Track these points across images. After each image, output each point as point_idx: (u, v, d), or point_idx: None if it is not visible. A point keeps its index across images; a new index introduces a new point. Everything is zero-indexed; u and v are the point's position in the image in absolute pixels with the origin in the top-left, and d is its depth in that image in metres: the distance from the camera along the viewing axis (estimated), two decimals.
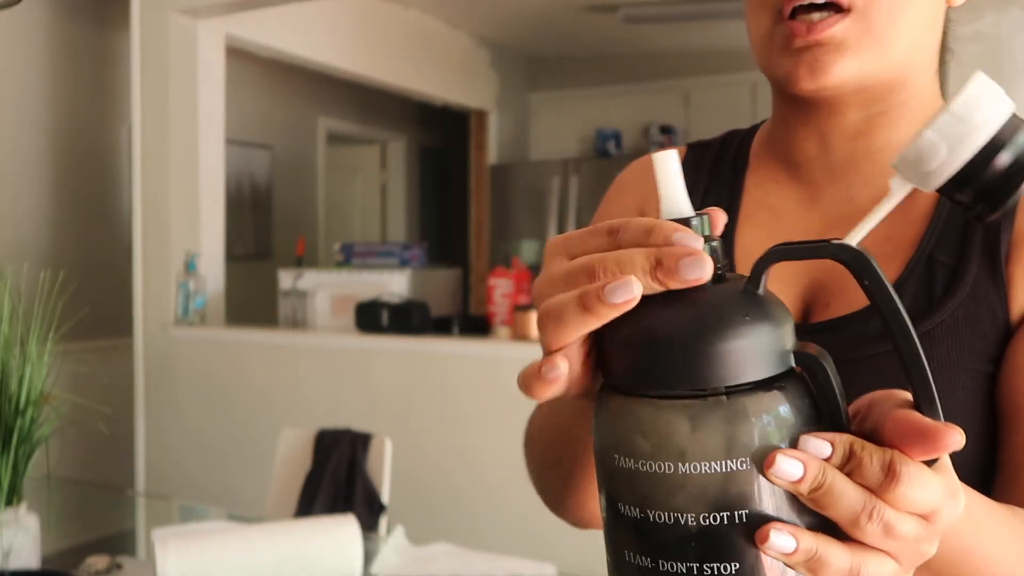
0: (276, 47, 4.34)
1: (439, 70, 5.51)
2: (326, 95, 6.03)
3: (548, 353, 0.42)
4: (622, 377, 0.41)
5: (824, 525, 0.40)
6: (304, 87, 5.78)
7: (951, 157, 0.42)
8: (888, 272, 0.68)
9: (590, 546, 2.74)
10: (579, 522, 0.76)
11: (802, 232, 0.72)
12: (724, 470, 0.39)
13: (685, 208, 0.42)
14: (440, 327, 3.91)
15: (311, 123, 6.04)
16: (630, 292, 0.39)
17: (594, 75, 6.38)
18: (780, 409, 0.39)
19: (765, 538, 0.39)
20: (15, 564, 1.43)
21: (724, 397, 0.39)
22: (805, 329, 0.68)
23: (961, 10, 0.73)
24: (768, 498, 0.39)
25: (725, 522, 0.39)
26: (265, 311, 4.92)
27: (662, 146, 5.80)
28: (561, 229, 5.69)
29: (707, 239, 0.41)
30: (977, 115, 0.42)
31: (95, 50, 4.34)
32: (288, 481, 2.46)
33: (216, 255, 4.10)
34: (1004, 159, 0.42)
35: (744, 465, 0.39)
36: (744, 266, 0.73)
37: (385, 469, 2.37)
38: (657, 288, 0.40)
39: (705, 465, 0.39)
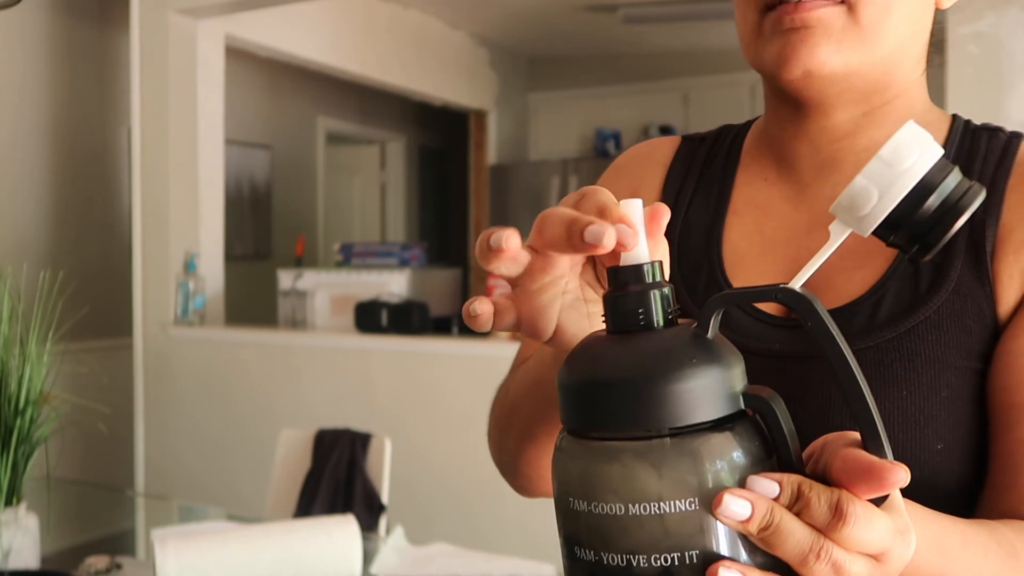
0: (275, 47, 4.34)
1: (438, 70, 5.51)
2: (325, 95, 6.03)
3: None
4: (574, 419, 0.42)
5: (776, 565, 0.41)
6: (303, 87, 5.78)
7: (882, 202, 0.44)
8: (872, 269, 0.68)
9: None
10: (531, 483, 0.77)
11: (788, 229, 0.73)
12: (672, 511, 0.39)
13: (643, 256, 0.44)
14: (439, 327, 3.91)
15: (310, 123, 6.04)
16: (600, 239, 0.42)
17: (593, 75, 6.38)
18: (728, 450, 0.40)
19: (713, 573, 0.39)
20: (15, 564, 1.43)
21: (668, 439, 0.39)
22: (790, 324, 0.69)
23: (960, 10, 0.74)
24: (719, 538, 0.39)
25: (676, 563, 0.39)
26: (264, 311, 4.92)
27: None
28: None
29: (657, 284, 0.43)
30: (906, 161, 0.43)
31: (95, 50, 4.34)
32: (288, 481, 2.46)
33: (216, 255, 4.10)
34: (933, 202, 0.44)
35: (692, 505, 0.39)
36: (732, 263, 0.73)
37: (384, 469, 2.37)
38: (574, 248, 0.44)
39: (653, 506, 0.39)
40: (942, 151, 0.45)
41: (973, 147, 0.71)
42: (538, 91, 6.59)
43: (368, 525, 2.27)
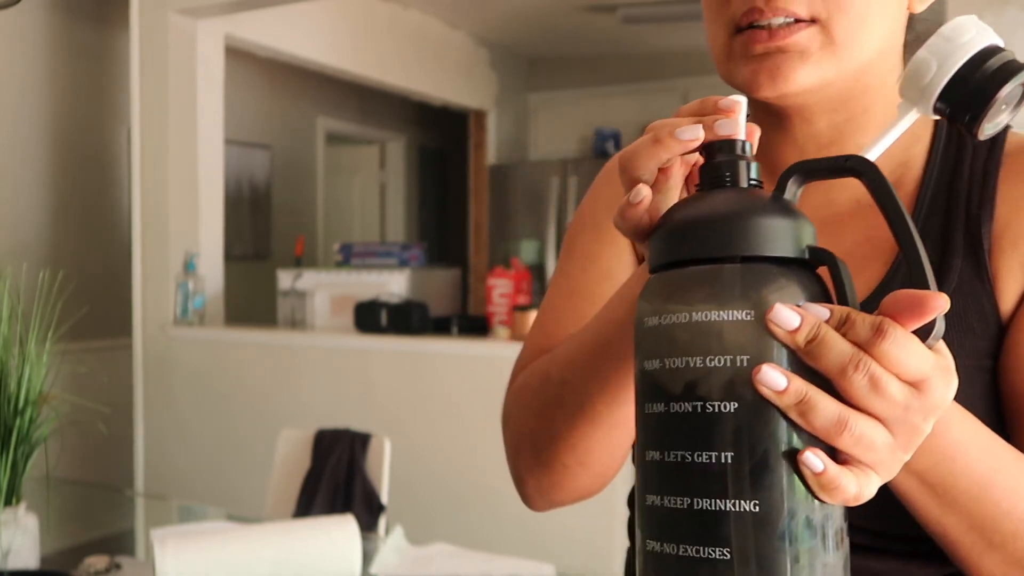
0: (275, 47, 4.34)
1: (438, 70, 5.51)
2: (325, 95, 6.03)
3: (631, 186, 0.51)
4: (658, 255, 0.48)
5: (817, 383, 0.43)
6: (303, 87, 5.78)
7: (940, 71, 0.49)
8: (871, 272, 0.69)
9: (588, 546, 2.75)
10: (567, 474, 0.74)
11: None
12: (729, 319, 0.43)
13: (738, 132, 0.50)
14: (439, 327, 3.91)
15: (310, 123, 6.04)
16: (696, 133, 0.48)
17: (593, 75, 6.38)
18: (788, 282, 0.44)
19: (758, 373, 0.42)
20: (14, 564, 1.43)
21: (737, 264, 0.44)
22: None
23: (959, 11, 0.74)
24: (768, 348, 0.43)
25: (727, 365, 0.43)
26: (264, 311, 4.92)
27: None
28: (560, 229, 5.69)
29: (744, 157, 0.49)
30: (963, 36, 0.50)
31: (94, 50, 4.34)
32: (287, 481, 2.46)
33: (215, 255, 4.10)
34: (983, 73, 0.49)
35: (748, 316, 0.43)
36: None
37: (384, 469, 2.37)
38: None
39: (713, 314, 0.43)
40: (996, 37, 0.50)
41: (962, 138, 0.71)
42: (538, 91, 6.60)
43: (368, 525, 2.27)
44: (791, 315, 0.42)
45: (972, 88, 0.49)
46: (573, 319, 0.79)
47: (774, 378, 0.42)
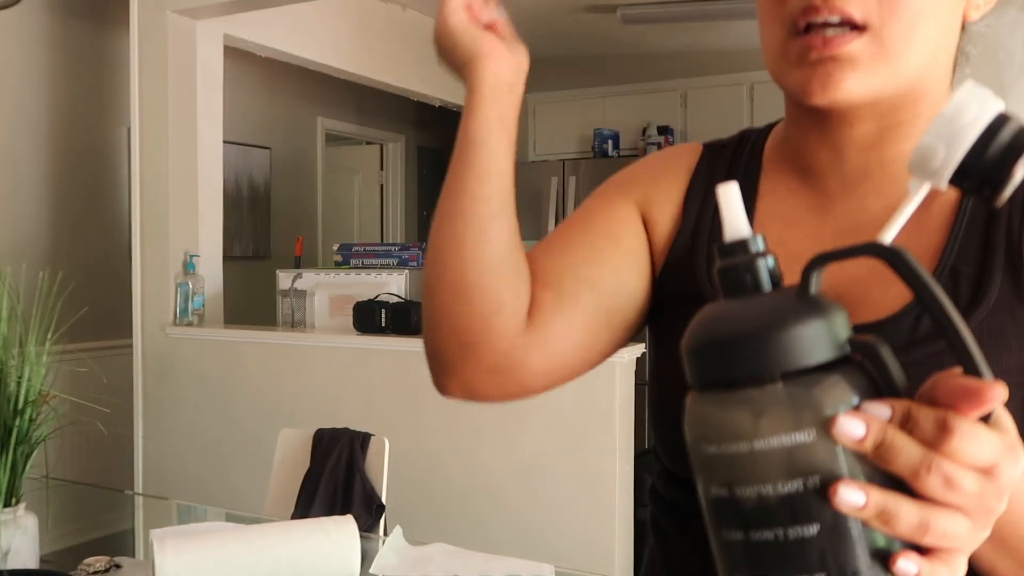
0: (274, 47, 4.34)
1: (437, 70, 5.42)
2: (325, 95, 6.03)
3: None
4: (699, 376, 0.47)
5: (891, 485, 0.43)
6: (302, 87, 5.78)
7: (950, 154, 0.49)
8: (904, 289, 0.67)
9: (588, 546, 2.75)
10: (485, 333, 0.74)
11: (813, 241, 0.72)
12: (792, 443, 0.43)
13: (745, 231, 0.48)
14: None
15: (310, 123, 6.04)
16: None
17: (592, 75, 6.38)
18: (837, 389, 0.43)
19: (835, 494, 0.42)
20: (13, 564, 1.43)
21: (780, 384, 0.44)
22: None
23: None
24: (836, 462, 0.43)
25: (800, 489, 0.42)
26: (263, 311, 4.91)
27: (660, 147, 5.81)
28: None
29: (761, 254, 0.48)
30: (967, 115, 0.49)
31: (94, 50, 4.34)
32: (287, 481, 2.46)
33: (215, 255, 4.10)
34: (995, 148, 0.49)
35: (810, 436, 0.43)
36: None
37: (383, 469, 2.37)
38: None
39: (774, 440, 0.43)
40: (1001, 105, 0.49)
41: None
42: (537, 91, 6.59)
43: (367, 525, 2.27)
44: (856, 425, 0.42)
45: (987, 165, 0.49)
46: (541, 250, 0.80)
47: (852, 496, 0.42)
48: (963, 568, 0.44)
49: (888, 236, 0.50)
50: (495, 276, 0.73)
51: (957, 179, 0.50)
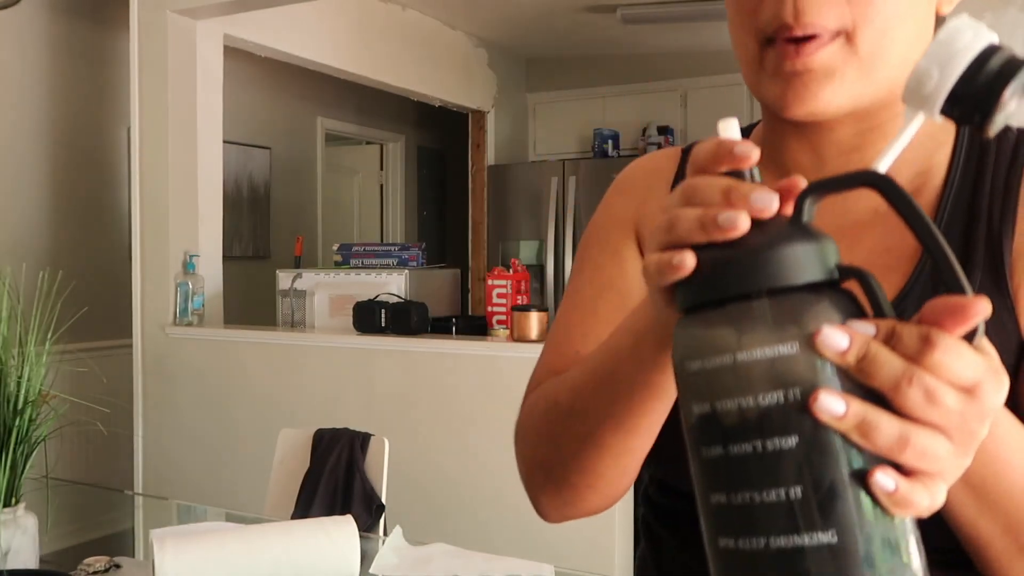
0: (274, 47, 4.34)
1: (437, 70, 5.51)
2: (324, 95, 6.03)
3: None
4: (687, 298, 0.48)
5: (871, 399, 0.43)
6: (302, 87, 5.78)
7: (943, 78, 0.50)
8: (890, 284, 0.67)
9: (588, 546, 2.74)
10: (576, 496, 0.74)
11: None
12: (775, 353, 0.43)
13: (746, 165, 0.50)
14: (438, 327, 3.90)
15: (310, 123, 6.04)
16: (735, 224, 0.45)
17: (592, 75, 6.38)
18: (823, 307, 0.44)
19: (815, 401, 0.42)
20: (13, 564, 1.43)
21: (767, 299, 0.44)
22: None
23: (959, 10, 0.73)
24: (818, 374, 0.43)
25: (780, 400, 0.43)
26: (263, 311, 4.92)
27: (659, 147, 5.80)
28: (559, 229, 5.69)
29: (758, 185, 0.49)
30: (961, 41, 0.50)
31: (94, 50, 4.34)
32: (286, 481, 2.46)
33: (214, 255, 4.10)
34: (986, 74, 0.50)
35: (794, 348, 0.43)
36: None
37: (383, 469, 2.37)
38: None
39: (757, 351, 0.43)
40: (995, 36, 0.50)
41: (984, 147, 0.70)
42: (537, 91, 6.60)
43: (367, 525, 2.27)
44: (840, 336, 0.42)
45: (978, 90, 0.49)
46: (580, 335, 0.79)
47: (832, 404, 0.42)
48: (942, 497, 0.43)
49: (882, 166, 0.50)
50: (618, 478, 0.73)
51: (948, 107, 0.51)
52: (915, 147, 0.70)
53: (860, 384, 0.43)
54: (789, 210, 0.48)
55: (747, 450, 0.43)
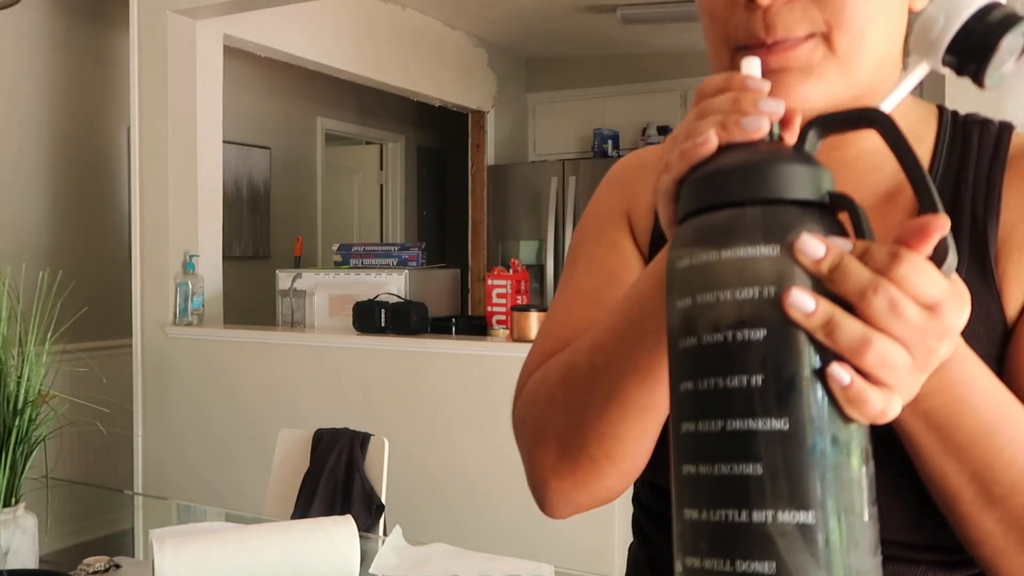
0: (274, 47, 4.34)
1: (437, 70, 5.51)
2: (324, 95, 6.03)
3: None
4: (687, 205, 0.51)
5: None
6: (302, 87, 5.78)
7: (947, 24, 0.55)
8: None
9: (588, 545, 2.73)
10: (595, 468, 0.72)
11: None
12: (757, 254, 0.46)
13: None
14: (438, 327, 3.90)
15: (309, 123, 6.04)
16: (762, 124, 0.50)
17: (592, 75, 6.38)
18: (809, 220, 0.47)
19: (788, 297, 0.44)
20: (13, 564, 1.43)
21: (759, 207, 0.47)
22: None
23: None
24: (793, 276, 0.46)
25: (755, 295, 0.46)
26: (263, 311, 4.92)
27: None
28: (559, 229, 5.69)
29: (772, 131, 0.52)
30: None
31: (93, 50, 4.34)
32: (286, 481, 2.46)
33: (214, 255, 4.10)
34: (986, 24, 0.54)
35: (774, 251, 0.46)
36: None
37: (383, 469, 2.37)
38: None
39: (741, 250, 0.46)
40: None
41: (966, 141, 0.71)
42: (536, 91, 6.60)
43: (367, 525, 2.27)
44: (817, 244, 0.45)
45: (977, 39, 0.53)
46: (580, 322, 0.79)
47: (804, 300, 0.44)
48: (896, 409, 0.45)
49: (887, 105, 0.54)
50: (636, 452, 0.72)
51: (948, 56, 0.55)
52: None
53: (829, 294, 0.45)
54: (792, 140, 0.51)
55: (718, 339, 0.46)
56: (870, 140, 0.70)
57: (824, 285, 0.45)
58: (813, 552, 0.43)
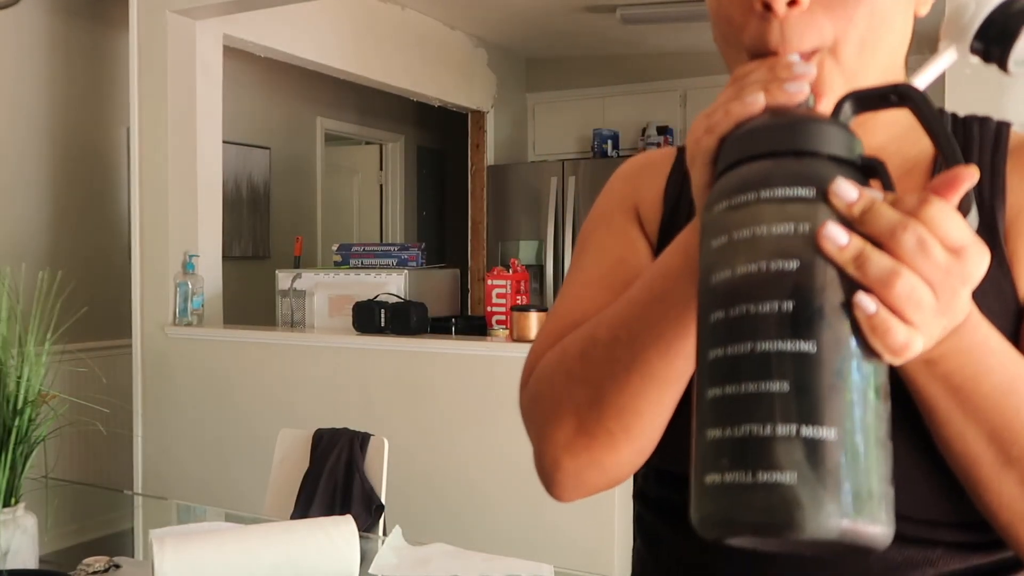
0: (274, 47, 4.34)
1: (437, 70, 5.51)
2: (324, 95, 6.03)
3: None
4: (724, 160, 0.54)
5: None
6: (302, 87, 5.78)
7: (978, 9, 0.58)
8: None
9: (587, 546, 2.74)
10: (612, 441, 0.71)
11: None
12: (793, 195, 0.49)
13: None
14: (438, 327, 3.90)
15: (309, 123, 6.04)
16: (801, 88, 0.55)
17: (591, 75, 6.38)
18: (841, 172, 0.50)
19: (823, 230, 0.47)
20: (13, 564, 1.43)
21: (793, 156, 0.50)
22: None
23: None
24: (826, 217, 0.48)
25: (790, 231, 0.48)
26: (263, 311, 4.92)
27: (659, 147, 5.81)
28: (559, 229, 5.69)
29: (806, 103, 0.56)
30: None
31: (93, 50, 4.34)
32: (286, 481, 2.46)
33: (214, 255, 4.10)
34: (1012, 10, 0.58)
35: (810, 193, 0.49)
36: None
37: (383, 469, 2.37)
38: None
39: (779, 191, 0.49)
40: None
41: (967, 136, 0.74)
42: (536, 91, 6.60)
43: (366, 525, 2.27)
44: (851, 189, 0.48)
45: (1002, 25, 0.57)
46: (591, 306, 0.78)
47: (837, 233, 0.47)
48: (918, 347, 0.47)
49: (919, 82, 0.58)
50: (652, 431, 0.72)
51: (977, 38, 0.58)
52: (899, 139, 0.73)
53: (861, 234, 0.48)
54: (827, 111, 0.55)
55: (751, 270, 0.48)
56: (878, 138, 0.72)
57: (856, 227, 0.48)
58: (833, 466, 0.44)
